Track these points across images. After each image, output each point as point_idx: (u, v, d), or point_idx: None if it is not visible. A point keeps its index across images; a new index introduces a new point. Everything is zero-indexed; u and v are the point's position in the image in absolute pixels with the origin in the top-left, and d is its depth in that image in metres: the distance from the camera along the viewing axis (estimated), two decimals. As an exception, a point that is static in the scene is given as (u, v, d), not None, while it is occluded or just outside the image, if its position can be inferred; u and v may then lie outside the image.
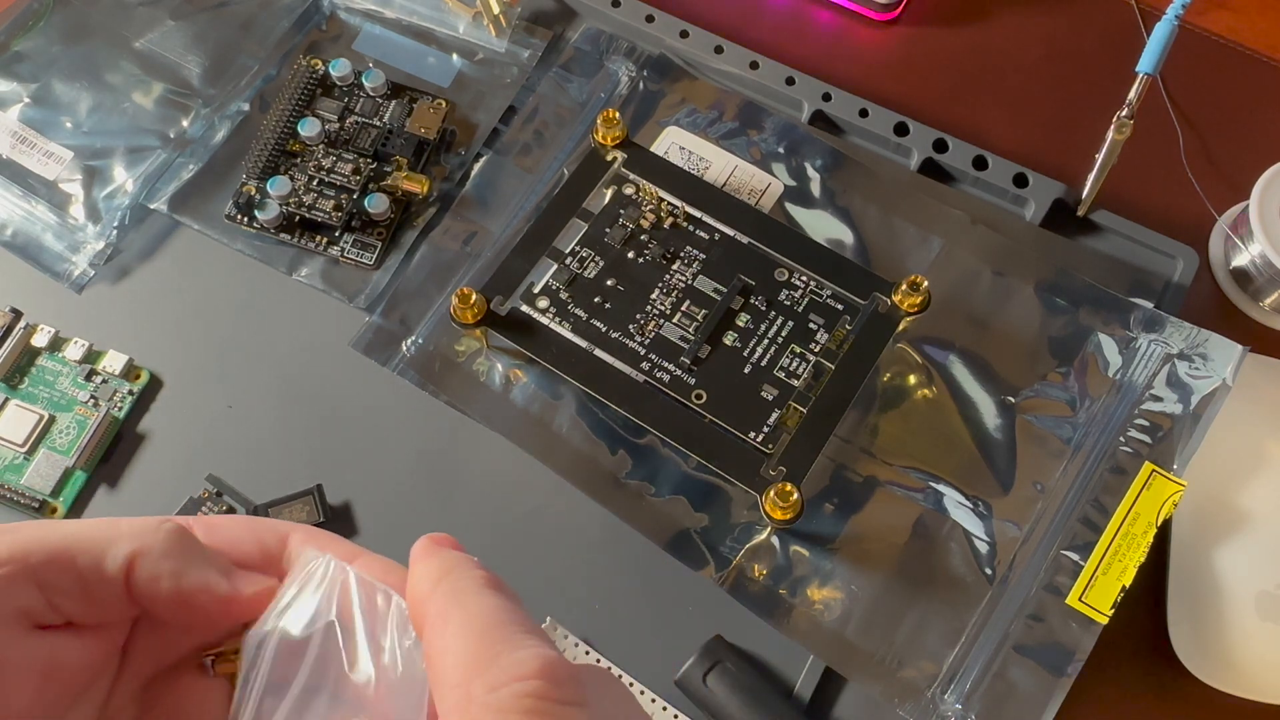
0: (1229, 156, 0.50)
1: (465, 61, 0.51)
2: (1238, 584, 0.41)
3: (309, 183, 0.47)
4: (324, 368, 0.46)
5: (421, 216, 0.48)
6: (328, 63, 0.50)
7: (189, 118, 0.49)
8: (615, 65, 0.50)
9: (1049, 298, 0.45)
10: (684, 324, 0.43)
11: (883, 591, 0.41)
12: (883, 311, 0.43)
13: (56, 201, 0.47)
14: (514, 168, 0.48)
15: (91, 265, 0.47)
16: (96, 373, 0.45)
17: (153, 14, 0.51)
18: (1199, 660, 0.40)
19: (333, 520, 0.43)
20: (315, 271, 0.47)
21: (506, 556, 0.43)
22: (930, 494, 0.42)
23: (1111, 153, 0.46)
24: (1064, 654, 0.39)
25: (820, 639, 0.40)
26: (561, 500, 0.43)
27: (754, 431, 0.41)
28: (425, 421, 0.45)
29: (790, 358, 0.43)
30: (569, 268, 0.44)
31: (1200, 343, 0.43)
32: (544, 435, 0.43)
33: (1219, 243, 0.48)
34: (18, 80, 0.49)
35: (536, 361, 0.42)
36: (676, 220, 0.45)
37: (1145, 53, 0.45)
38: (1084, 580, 0.40)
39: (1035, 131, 0.51)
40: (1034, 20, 0.54)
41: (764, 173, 0.48)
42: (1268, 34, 0.53)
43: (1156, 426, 0.42)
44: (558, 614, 0.42)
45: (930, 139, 0.49)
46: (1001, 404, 0.44)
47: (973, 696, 0.39)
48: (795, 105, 0.50)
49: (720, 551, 0.41)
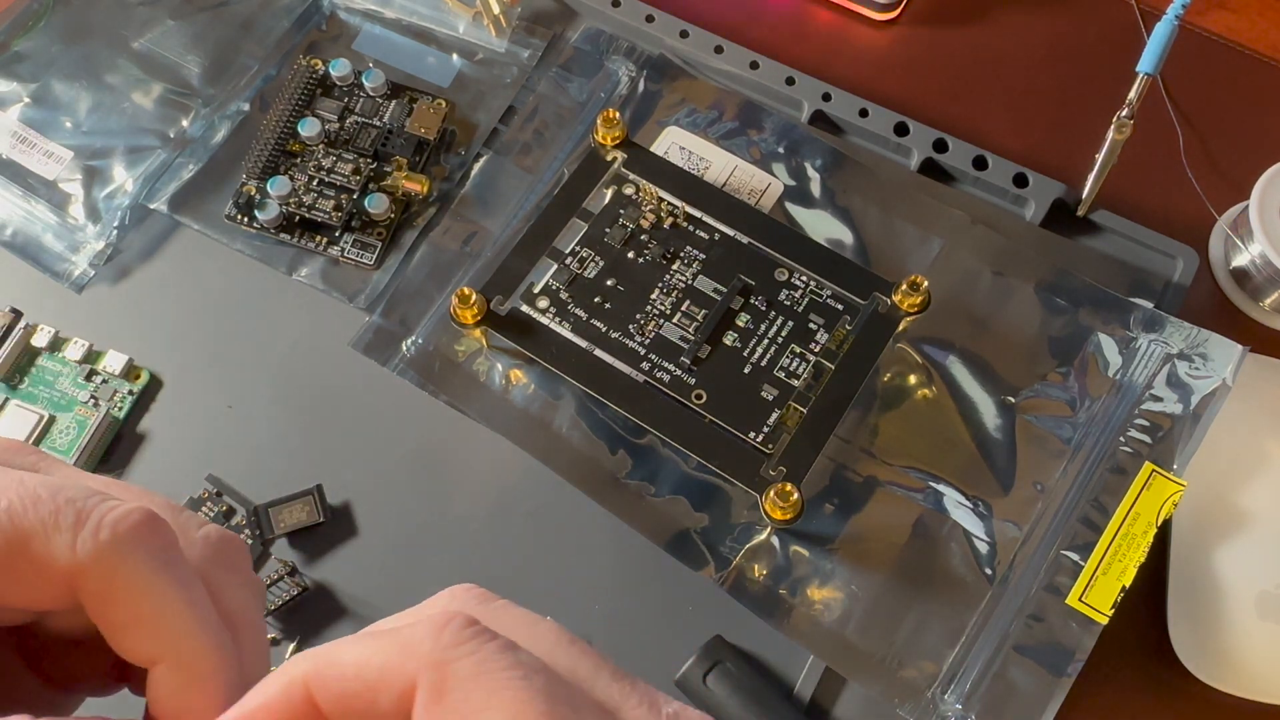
0: (1229, 156, 0.50)
1: (465, 61, 0.51)
2: (1238, 584, 0.41)
3: (309, 183, 0.47)
4: (324, 368, 0.46)
5: (421, 216, 0.48)
6: (328, 63, 0.50)
7: (189, 118, 0.49)
8: (615, 65, 0.50)
9: (1049, 298, 0.45)
10: (684, 324, 0.43)
11: (883, 591, 0.41)
12: (883, 311, 0.43)
13: (56, 201, 0.47)
14: (514, 168, 0.48)
15: (91, 265, 0.47)
16: (96, 373, 0.45)
17: (152, 14, 0.51)
18: (1199, 660, 0.40)
19: (333, 520, 0.43)
20: (315, 271, 0.47)
21: (506, 556, 0.43)
22: (930, 494, 0.42)
23: (1111, 153, 0.46)
24: (1064, 654, 0.39)
25: (820, 639, 0.40)
26: (561, 500, 0.43)
27: (754, 431, 0.41)
28: (425, 421, 0.45)
29: (790, 358, 0.43)
30: (569, 268, 0.44)
31: (1200, 343, 0.43)
32: (544, 435, 0.43)
33: (1219, 243, 0.48)
34: (18, 80, 0.49)
35: (536, 361, 0.42)
36: (676, 220, 0.45)
37: (1145, 53, 0.45)
38: (1084, 580, 0.40)
39: (1035, 131, 0.51)
40: (1034, 20, 0.54)
41: (764, 173, 0.48)
42: (1268, 34, 0.53)
43: (1156, 426, 0.42)
44: (558, 614, 0.41)
45: (930, 139, 0.49)
46: (1001, 404, 0.44)
47: (973, 696, 0.39)
48: (795, 105, 0.50)
49: (720, 551, 0.41)
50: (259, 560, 0.42)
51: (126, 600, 0.18)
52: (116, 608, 0.18)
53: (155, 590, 0.18)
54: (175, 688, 0.18)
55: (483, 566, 0.43)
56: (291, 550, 0.43)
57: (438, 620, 0.17)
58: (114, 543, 0.18)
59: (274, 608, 0.41)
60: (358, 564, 0.43)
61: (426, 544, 0.43)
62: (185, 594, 0.19)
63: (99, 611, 0.18)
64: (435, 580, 0.42)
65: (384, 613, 0.19)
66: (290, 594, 0.41)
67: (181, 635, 0.18)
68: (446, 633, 0.17)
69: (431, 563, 0.43)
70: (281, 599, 0.41)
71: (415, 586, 0.42)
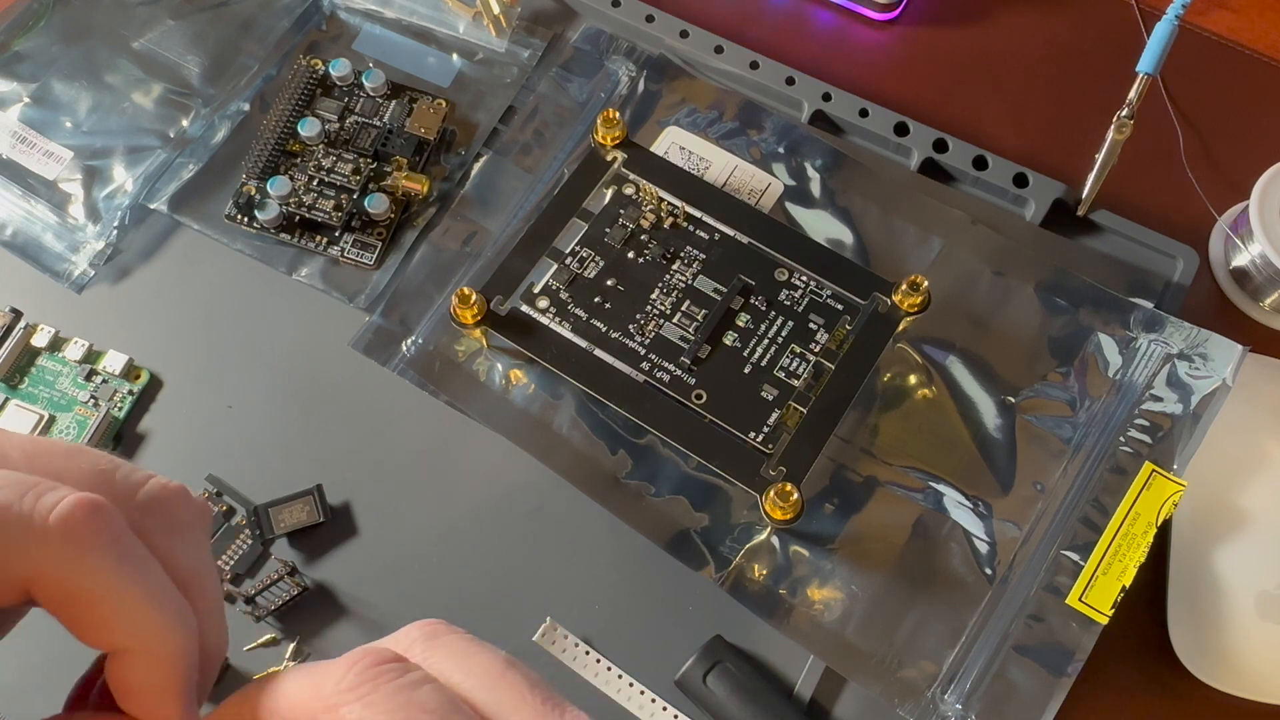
0: (1229, 156, 0.50)
1: (465, 61, 0.51)
2: (1238, 584, 0.41)
3: (309, 183, 0.47)
4: (324, 368, 0.46)
5: (421, 216, 0.48)
6: (328, 63, 0.50)
7: (189, 118, 0.49)
8: (615, 65, 0.50)
9: (1049, 298, 0.45)
10: (684, 324, 0.43)
11: (883, 591, 0.41)
12: (883, 311, 0.43)
13: (56, 201, 0.47)
14: (514, 168, 0.48)
15: (91, 265, 0.47)
16: (96, 373, 0.45)
17: (152, 14, 0.51)
18: (1199, 660, 0.40)
19: (333, 520, 0.43)
20: (315, 271, 0.47)
21: (506, 556, 0.43)
22: (930, 494, 0.42)
23: (1111, 153, 0.46)
24: (1064, 654, 0.39)
25: (820, 639, 0.40)
26: (561, 500, 0.43)
27: (754, 431, 0.41)
28: (425, 421, 0.45)
29: (790, 358, 0.43)
30: (569, 268, 0.44)
31: (1200, 343, 0.43)
32: (544, 435, 0.43)
33: (1219, 243, 0.48)
34: (18, 80, 0.49)
35: (536, 361, 0.42)
36: (676, 220, 0.45)
37: (1145, 53, 0.45)
38: (1084, 580, 0.40)
39: (1035, 131, 0.51)
40: (1034, 20, 0.54)
41: (764, 173, 0.48)
42: (1268, 34, 0.53)
43: (1156, 426, 0.42)
44: (558, 614, 0.42)
45: (930, 139, 0.49)
46: (1001, 404, 0.44)
47: (973, 696, 0.39)
48: (795, 105, 0.50)
49: (720, 551, 0.41)
50: (259, 561, 0.42)
51: (83, 601, 0.18)
52: (74, 608, 0.18)
53: (111, 588, 0.18)
54: (137, 671, 0.19)
55: (482, 566, 0.43)
56: (291, 550, 0.43)
57: (349, 660, 0.18)
58: (63, 544, 0.17)
59: (274, 608, 0.41)
60: (358, 564, 0.43)
61: (426, 544, 0.43)
62: (141, 584, 0.18)
63: (56, 611, 0.18)
64: (435, 580, 0.42)
65: (384, 613, 0.19)
66: (290, 594, 0.41)
67: (141, 625, 0.18)
68: (350, 674, 0.18)
69: (431, 563, 0.43)
70: (281, 599, 0.41)
71: (415, 586, 0.42)
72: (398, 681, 0.18)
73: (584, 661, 0.41)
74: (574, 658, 0.41)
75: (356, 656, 0.18)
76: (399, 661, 0.18)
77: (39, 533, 0.17)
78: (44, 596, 0.18)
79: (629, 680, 0.41)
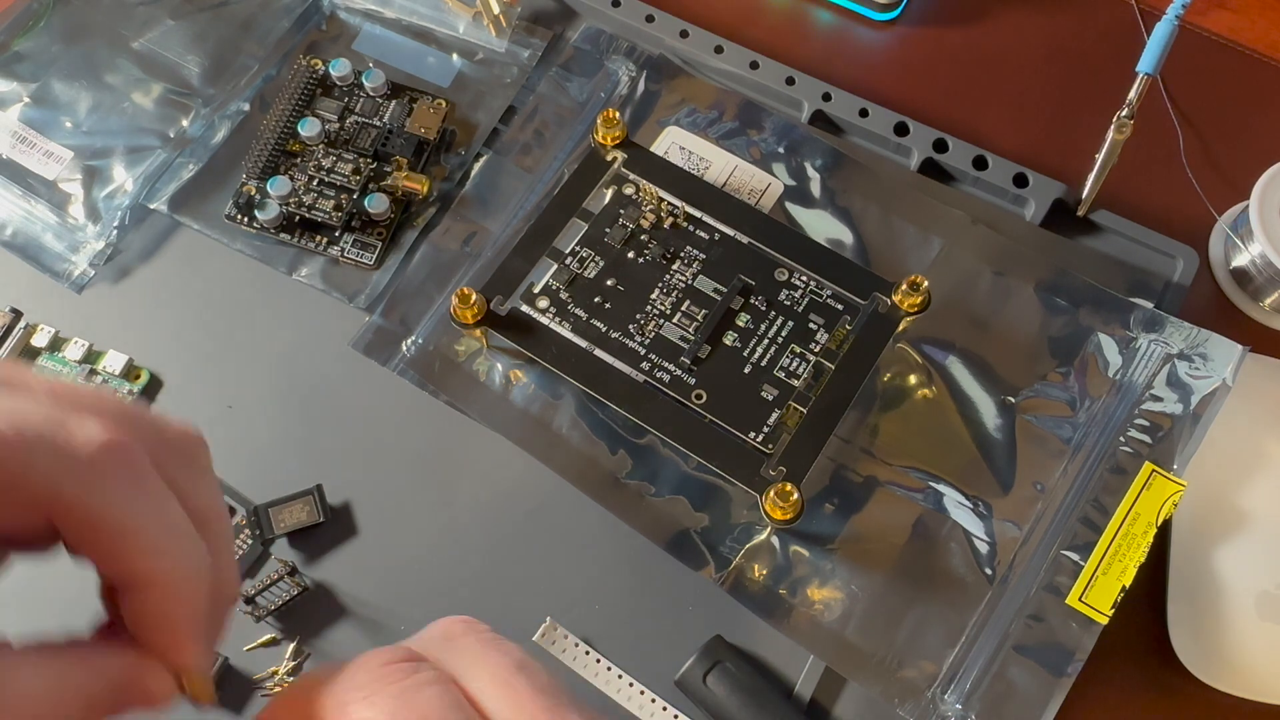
0: (1229, 156, 0.50)
1: (465, 61, 0.51)
2: (1238, 584, 0.41)
3: (309, 183, 0.47)
4: (324, 368, 0.46)
5: (421, 216, 0.48)
6: (328, 63, 0.50)
7: (189, 118, 0.49)
8: (615, 65, 0.50)
9: (1049, 298, 0.45)
10: (684, 324, 0.43)
11: (883, 591, 0.41)
12: (883, 311, 0.43)
13: (56, 201, 0.47)
14: (514, 168, 0.48)
15: (91, 265, 0.47)
16: (96, 373, 0.45)
17: (152, 14, 0.51)
18: (1199, 660, 0.40)
19: (333, 520, 0.43)
20: (315, 271, 0.47)
21: (506, 556, 0.43)
22: (930, 494, 0.42)
23: (1111, 153, 0.46)
24: (1064, 654, 0.39)
25: (820, 639, 0.40)
26: (561, 500, 0.43)
27: (754, 431, 0.41)
28: (425, 421, 0.45)
29: (790, 358, 0.43)
30: (569, 268, 0.44)
31: (1200, 343, 0.43)
32: (544, 435, 0.43)
33: (1219, 243, 0.48)
34: (18, 80, 0.49)
35: (536, 361, 0.42)
36: (676, 220, 0.45)
37: (1145, 53, 0.45)
38: (1084, 580, 0.40)
39: (1035, 131, 0.51)
40: (1034, 20, 0.54)
41: (764, 173, 0.48)
42: (1268, 34, 0.53)
43: (1156, 426, 0.42)
44: (557, 614, 0.42)
45: (930, 139, 0.49)
46: (1001, 404, 0.44)
47: (973, 696, 0.39)
48: (795, 105, 0.50)
49: (720, 551, 0.41)
50: (259, 561, 0.42)
51: (105, 529, 0.18)
52: (96, 535, 0.18)
53: (133, 516, 0.18)
54: (152, 602, 0.19)
55: (483, 566, 0.43)
56: (291, 550, 0.43)
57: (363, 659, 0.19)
58: (90, 471, 0.18)
59: (274, 608, 0.41)
60: (358, 564, 0.43)
61: (426, 544, 0.43)
62: (161, 516, 0.19)
63: (75, 537, 0.19)
64: (435, 580, 0.42)
65: (383, 613, 0.20)
66: (290, 594, 0.41)
67: (160, 554, 0.19)
68: (360, 673, 0.18)
69: (431, 563, 0.43)
70: (281, 599, 0.41)
71: (415, 586, 0.42)
72: (403, 683, 0.18)
73: (584, 661, 0.41)
74: (574, 658, 0.41)
75: (370, 656, 0.19)
76: (411, 661, 0.19)
77: (68, 460, 0.18)
78: (67, 522, 0.18)
79: (629, 680, 0.41)
